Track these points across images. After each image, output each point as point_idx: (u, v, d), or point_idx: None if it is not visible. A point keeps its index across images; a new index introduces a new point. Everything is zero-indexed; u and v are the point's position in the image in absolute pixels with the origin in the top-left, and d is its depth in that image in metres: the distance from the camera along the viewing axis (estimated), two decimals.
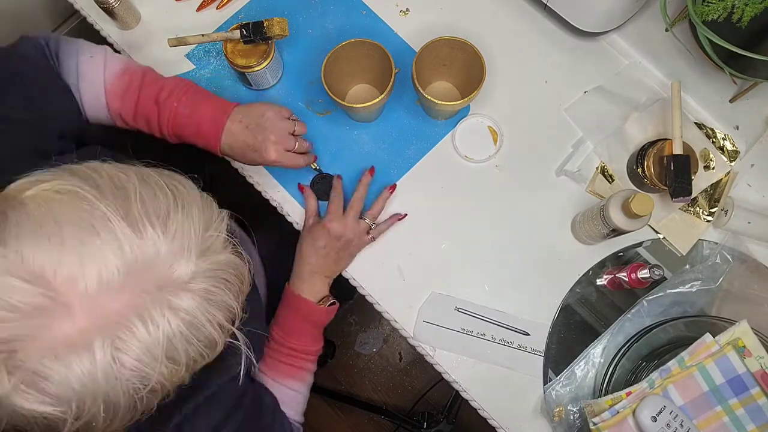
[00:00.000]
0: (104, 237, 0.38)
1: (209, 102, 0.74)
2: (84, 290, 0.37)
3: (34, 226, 0.38)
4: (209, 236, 0.44)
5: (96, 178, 0.41)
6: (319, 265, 0.79)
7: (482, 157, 0.87)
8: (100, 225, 0.38)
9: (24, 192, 0.40)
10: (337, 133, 0.87)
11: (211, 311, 0.42)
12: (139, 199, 0.41)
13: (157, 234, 0.40)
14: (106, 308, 0.38)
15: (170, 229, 0.41)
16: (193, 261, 0.41)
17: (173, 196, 0.43)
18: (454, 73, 0.85)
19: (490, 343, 0.82)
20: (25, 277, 0.36)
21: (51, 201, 0.39)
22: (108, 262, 0.38)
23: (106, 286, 0.38)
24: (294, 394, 0.78)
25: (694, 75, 0.88)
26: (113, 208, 0.39)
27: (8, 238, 0.37)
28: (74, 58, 0.71)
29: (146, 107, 0.72)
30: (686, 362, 0.75)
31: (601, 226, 0.76)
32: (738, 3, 0.70)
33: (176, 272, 0.40)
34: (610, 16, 0.84)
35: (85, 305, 0.37)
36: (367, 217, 0.81)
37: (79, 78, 0.71)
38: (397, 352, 1.67)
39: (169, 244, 0.40)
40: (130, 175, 0.43)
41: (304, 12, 0.91)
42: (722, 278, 0.80)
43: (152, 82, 0.73)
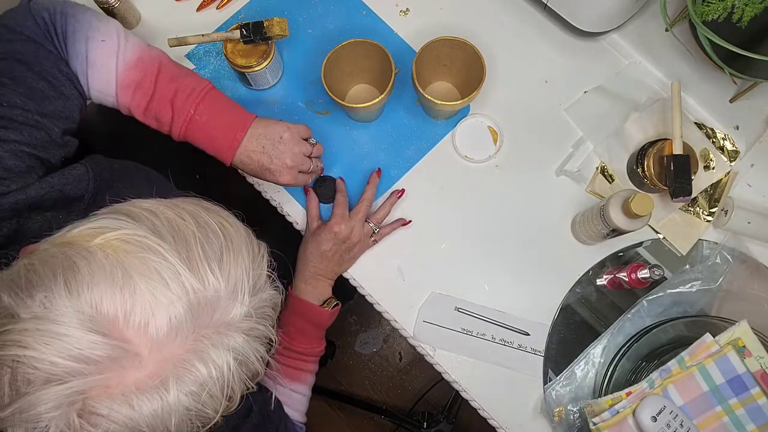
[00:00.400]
0: (172, 287, 0.40)
1: (227, 113, 0.72)
2: (154, 337, 0.39)
3: (106, 276, 0.39)
4: (257, 274, 0.46)
5: (157, 225, 0.42)
6: (323, 268, 0.79)
7: (482, 157, 0.87)
8: (168, 275, 0.40)
9: (91, 241, 0.41)
10: (337, 133, 0.87)
11: (257, 346, 0.44)
12: (199, 245, 0.42)
13: (217, 279, 0.42)
14: (171, 353, 0.39)
15: (225, 271, 0.43)
16: (246, 302, 0.43)
17: (224, 237, 0.44)
18: (454, 73, 0.85)
19: (490, 343, 0.82)
20: (101, 330, 0.38)
21: (119, 251, 0.40)
22: (176, 310, 0.39)
23: (174, 332, 0.39)
24: (297, 396, 0.78)
25: (694, 75, 0.88)
26: (178, 258, 0.41)
27: (82, 289, 0.38)
28: (83, 44, 0.66)
29: (160, 108, 0.69)
30: (686, 362, 0.75)
31: (601, 226, 0.76)
32: (738, 3, 0.70)
33: (231, 313, 0.42)
34: (610, 16, 0.84)
35: (153, 352, 0.39)
36: (372, 221, 0.81)
37: (89, 65, 0.66)
38: (397, 352, 1.67)
39: (225, 286, 0.42)
40: (186, 219, 0.44)
41: (304, 12, 0.91)
42: (722, 278, 0.80)
43: (168, 80, 0.69)
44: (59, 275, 0.39)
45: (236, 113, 0.73)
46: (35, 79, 0.61)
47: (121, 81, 0.67)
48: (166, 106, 0.69)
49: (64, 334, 0.37)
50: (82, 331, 0.37)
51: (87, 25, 0.66)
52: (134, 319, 0.38)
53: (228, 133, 0.71)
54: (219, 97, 0.73)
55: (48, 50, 0.63)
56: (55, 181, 0.56)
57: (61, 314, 0.37)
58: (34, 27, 0.63)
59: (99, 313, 0.38)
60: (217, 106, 0.72)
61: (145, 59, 0.69)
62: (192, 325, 0.40)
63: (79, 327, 0.37)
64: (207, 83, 0.72)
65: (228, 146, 0.72)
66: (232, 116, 0.72)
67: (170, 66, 0.71)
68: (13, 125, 0.57)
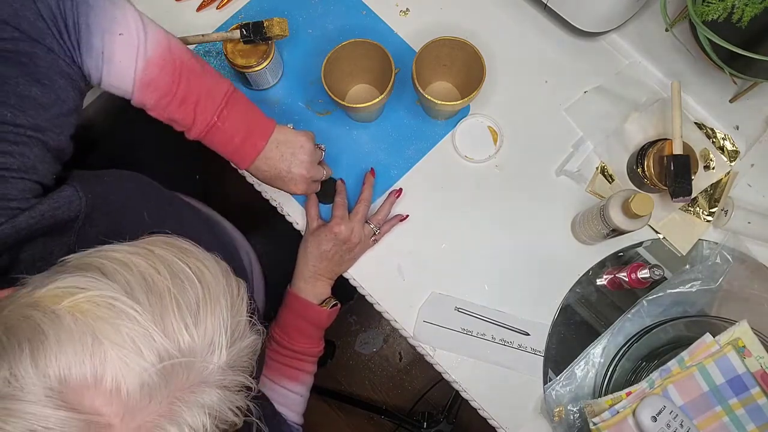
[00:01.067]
0: (146, 354, 0.38)
1: (248, 119, 0.70)
2: (126, 405, 0.37)
3: (74, 343, 0.37)
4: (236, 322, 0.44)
5: (130, 281, 0.40)
6: (323, 268, 0.79)
7: (482, 157, 0.87)
8: (142, 342, 0.38)
9: (59, 303, 0.39)
10: (337, 133, 0.87)
11: (232, 398, 0.42)
12: (173, 302, 0.40)
13: (192, 337, 0.40)
14: (145, 420, 0.38)
15: (201, 325, 0.41)
16: (224, 356, 0.41)
17: (200, 286, 0.42)
18: (454, 73, 0.85)
19: (490, 343, 0.82)
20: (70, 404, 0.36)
21: (88, 314, 0.38)
22: (150, 377, 0.38)
23: (147, 399, 0.38)
24: (294, 396, 0.78)
25: (694, 75, 0.88)
26: (152, 321, 0.39)
27: (50, 360, 0.37)
28: (99, 38, 0.59)
29: (181, 111, 0.66)
30: (686, 362, 0.75)
31: (601, 226, 0.76)
32: (738, 3, 0.70)
33: (207, 370, 0.41)
34: (610, 16, 0.84)
35: (126, 420, 0.37)
36: (372, 222, 0.81)
37: (105, 61, 0.60)
38: (397, 352, 1.67)
39: (201, 343, 0.40)
40: (161, 270, 0.42)
41: (304, 12, 0.91)
42: (722, 278, 0.80)
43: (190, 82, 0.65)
44: (25, 345, 0.37)
45: (257, 120, 0.71)
46: (28, 84, 0.54)
47: (140, 80, 0.63)
48: (188, 109, 0.66)
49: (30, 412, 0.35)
50: (51, 408, 0.36)
51: (103, 14, 0.59)
52: (104, 388, 0.37)
53: (250, 140, 0.70)
54: (240, 101, 0.70)
55: (46, 48, 0.56)
56: (45, 207, 0.52)
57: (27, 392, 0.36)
58: (35, 19, 0.55)
59: (67, 386, 0.36)
60: (239, 112, 0.69)
61: (167, 57, 0.64)
62: (166, 389, 0.38)
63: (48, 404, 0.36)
64: (228, 85, 0.69)
65: (248, 153, 0.70)
66: (254, 123, 0.70)
67: (191, 64, 0.66)
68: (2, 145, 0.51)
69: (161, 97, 0.65)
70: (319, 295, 0.80)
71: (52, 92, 0.56)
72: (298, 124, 0.87)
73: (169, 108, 0.66)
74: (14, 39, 0.54)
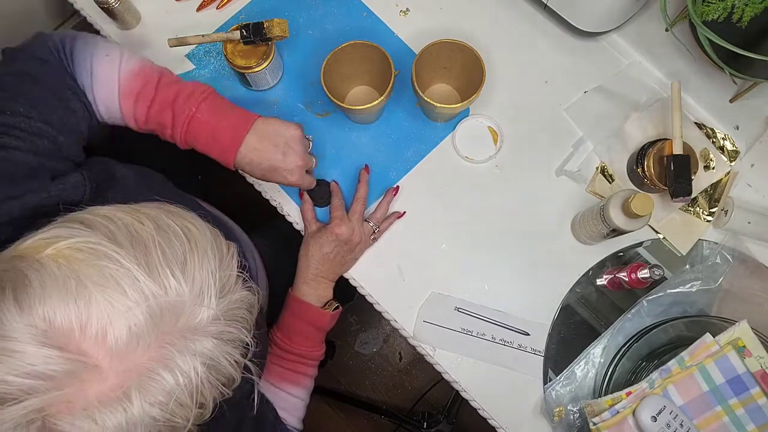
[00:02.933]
0: (130, 293, 0.38)
1: (230, 111, 0.71)
2: (113, 348, 0.37)
3: (59, 287, 0.37)
4: (224, 275, 0.44)
5: (113, 230, 0.41)
6: (324, 270, 0.79)
7: (482, 157, 0.87)
8: (125, 281, 0.38)
9: (41, 251, 0.39)
10: (336, 134, 0.87)
11: (229, 350, 0.43)
12: (158, 250, 0.41)
13: (179, 283, 0.40)
14: (134, 363, 0.38)
15: (189, 275, 0.41)
16: (213, 305, 0.42)
17: (187, 240, 0.43)
18: (454, 75, 0.85)
19: (490, 343, 0.82)
20: (56, 344, 0.36)
21: (71, 260, 0.39)
22: (135, 318, 0.38)
23: (135, 341, 0.38)
24: (295, 401, 0.77)
25: (694, 75, 0.88)
26: (135, 263, 0.39)
27: (34, 303, 0.37)
28: (89, 59, 0.67)
29: (161, 110, 0.68)
30: (686, 362, 0.75)
31: (601, 226, 0.76)
32: (738, 3, 0.70)
33: (197, 318, 0.41)
34: (610, 16, 0.84)
35: (114, 363, 0.37)
36: (371, 221, 0.81)
37: (93, 78, 0.67)
38: (397, 352, 1.67)
39: (189, 290, 0.41)
40: (145, 223, 0.42)
41: (304, 13, 0.91)
42: (722, 278, 0.80)
43: (169, 84, 0.69)
44: (8, 291, 0.37)
45: (239, 112, 0.71)
46: (41, 91, 0.61)
47: (123, 90, 0.68)
48: (167, 109, 0.68)
49: (15, 350, 0.36)
50: (36, 346, 0.36)
51: (92, 44, 0.68)
52: (91, 330, 0.37)
53: (231, 130, 0.69)
54: (221, 99, 0.72)
55: (55, 68, 0.64)
56: (52, 188, 0.55)
57: (11, 330, 0.36)
58: (44, 49, 0.64)
59: (53, 327, 0.36)
60: (220, 106, 0.70)
61: (146, 69, 0.69)
62: (154, 332, 0.38)
63: (32, 342, 0.36)
64: (208, 87, 0.71)
65: (231, 145, 0.69)
66: (235, 114, 0.71)
67: (170, 74, 0.71)
68: (14, 132, 0.56)
69: (142, 103, 0.68)
70: (322, 297, 0.80)
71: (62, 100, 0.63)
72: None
73: (150, 113, 0.68)
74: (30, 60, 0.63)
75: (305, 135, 0.77)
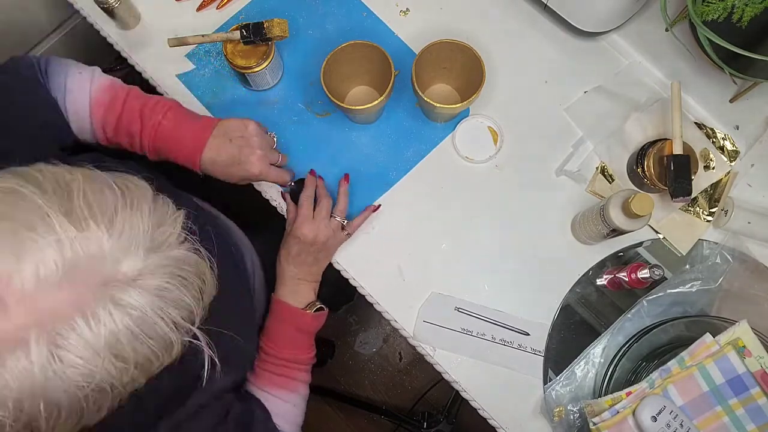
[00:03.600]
0: (41, 233, 0.37)
1: (193, 119, 0.75)
2: (20, 287, 0.36)
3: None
4: (161, 232, 0.42)
5: (38, 177, 0.40)
6: (298, 271, 0.79)
7: (482, 157, 0.87)
8: (38, 221, 0.37)
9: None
10: (336, 134, 0.87)
11: (165, 309, 0.41)
12: (82, 196, 0.39)
13: (101, 230, 0.39)
14: (44, 305, 0.36)
15: (117, 225, 0.40)
16: (140, 257, 0.40)
17: (121, 194, 0.41)
18: (454, 75, 0.85)
19: (490, 343, 0.82)
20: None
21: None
22: (46, 258, 0.36)
23: (45, 282, 0.36)
24: (287, 406, 0.76)
25: (694, 75, 0.88)
26: (53, 204, 0.38)
27: None
28: (63, 75, 0.72)
29: (129, 120, 0.72)
30: (686, 362, 0.75)
31: (601, 226, 0.76)
32: (738, 3, 0.70)
33: (123, 268, 0.39)
34: (610, 16, 0.84)
35: (21, 302, 0.36)
36: (337, 215, 0.80)
37: (66, 92, 0.71)
38: (397, 352, 1.67)
39: (115, 240, 0.39)
40: (75, 173, 0.41)
41: (304, 13, 0.91)
42: (722, 278, 0.80)
43: (137, 97, 0.74)
44: None
45: (203, 118, 0.76)
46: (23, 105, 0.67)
47: (94, 101, 0.72)
48: (135, 117, 0.72)
49: None
50: None
51: (65, 64, 0.74)
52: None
53: (195, 134, 0.74)
54: (186, 110, 0.76)
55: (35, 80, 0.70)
56: None
57: None
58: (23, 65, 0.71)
59: None
60: (184, 115, 0.75)
61: (116, 85, 0.75)
62: (68, 276, 0.37)
63: None
64: (173, 99, 0.76)
65: (196, 148, 0.73)
66: (199, 121, 0.75)
67: (139, 92, 0.75)
68: None
69: (112, 114, 0.72)
70: (303, 299, 0.79)
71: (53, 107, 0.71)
72: (297, 125, 0.87)
73: (120, 121, 0.72)
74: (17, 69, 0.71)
75: (268, 131, 0.80)
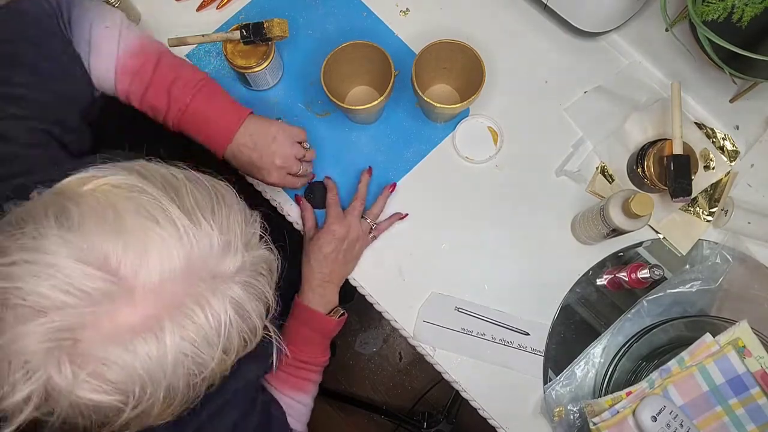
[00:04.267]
0: (165, 226, 0.39)
1: (223, 105, 0.72)
2: (147, 277, 0.38)
3: (97, 217, 0.38)
4: (249, 231, 0.46)
5: (147, 175, 0.42)
6: (329, 273, 0.78)
7: (482, 157, 0.87)
8: (161, 216, 0.40)
9: (81, 187, 0.40)
10: (336, 134, 0.87)
11: (254, 302, 0.44)
12: (190, 195, 0.42)
13: (210, 226, 0.42)
14: (168, 294, 0.39)
15: (218, 221, 0.43)
16: (240, 254, 0.43)
17: (215, 194, 0.45)
18: (454, 76, 0.85)
19: (490, 343, 0.82)
20: (94, 263, 0.37)
21: (109, 194, 0.40)
22: (170, 250, 0.39)
23: (168, 273, 0.39)
24: (299, 407, 0.77)
25: (694, 75, 0.88)
26: (170, 201, 0.41)
27: (74, 228, 0.38)
28: (87, 28, 0.66)
29: (156, 95, 0.69)
30: (686, 362, 0.75)
31: (601, 226, 0.76)
32: (738, 3, 0.70)
33: (226, 263, 0.42)
34: (610, 16, 0.84)
35: (148, 292, 0.38)
36: (368, 217, 0.81)
37: (91, 50, 0.66)
38: (397, 352, 1.67)
39: (219, 236, 0.42)
40: (177, 174, 0.44)
41: (304, 13, 0.91)
42: (722, 278, 0.80)
43: (167, 69, 0.70)
44: (50, 214, 0.38)
45: (232, 106, 0.74)
46: (44, 60, 0.60)
47: (120, 67, 0.68)
48: (162, 93, 0.69)
49: (54, 264, 0.36)
50: (74, 262, 0.36)
51: (91, 11, 0.67)
52: (127, 259, 0.38)
53: (222, 125, 0.72)
54: (216, 89, 0.73)
55: (55, 33, 0.63)
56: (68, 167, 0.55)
57: (51, 243, 0.36)
58: (43, 10, 0.63)
59: (91, 250, 0.37)
60: (214, 98, 0.72)
61: (146, 47, 0.70)
62: (188, 268, 0.39)
63: (70, 258, 0.36)
64: (204, 75, 0.73)
65: (222, 138, 0.72)
66: (228, 109, 0.73)
67: (169, 56, 0.72)
68: (20, 103, 0.56)
69: (139, 83, 0.69)
70: (329, 303, 0.79)
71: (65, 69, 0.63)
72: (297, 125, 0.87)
73: (147, 94, 0.69)
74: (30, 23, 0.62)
75: (304, 144, 0.78)
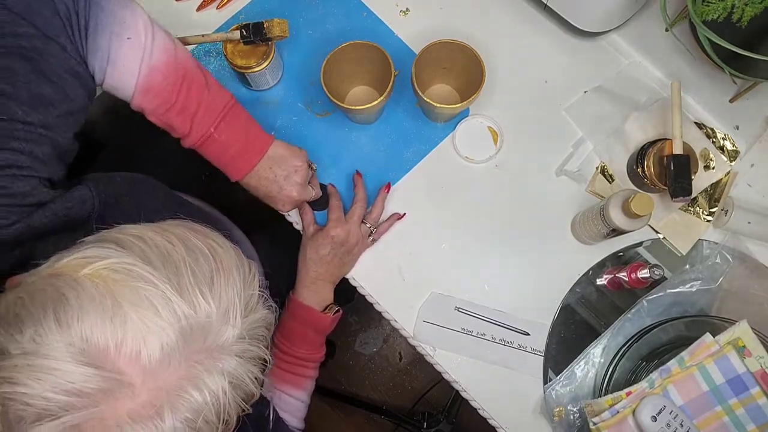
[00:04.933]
0: (163, 314, 0.39)
1: (246, 134, 0.71)
2: (146, 366, 0.38)
3: (96, 306, 0.39)
4: (248, 295, 0.45)
5: (146, 251, 0.42)
6: (323, 272, 0.79)
7: (482, 157, 0.87)
8: (159, 302, 0.40)
9: (79, 271, 0.40)
10: (336, 134, 0.87)
11: (250, 368, 0.44)
12: (189, 270, 0.42)
13: (208, 303, 0.41)
14: (165, 381, 0.39)
15: (216, 294, 0.42)
16: (239, 325, 0.43)
17: (213, 260, 0.44)
18: (454, 76, 0.85)
19: (490, 343, 0.82)
20: (93, 362, 0.37)
21: (108, 280, 0.40)
22: (168, 337, 0.39)
23: (167, 360, 0.39)
24: (295, 402, 0.77)
25: (694, 75, 0.88)
26: (168, 284, 0.40)
27: (72, 321, 0.38)
28: (106, 40, 0.59)
29: (178, 119, 0.66)
30: (686, 362, 0.75)
31: (601, 226, 0.76)
32: (738, 3, 0.70)
33: (224, 337, 0.42)
34: (610, 16, 0.84)
35: (147, 381, 0.38)
36: (368, 221, 0.81)
37: (110, 63, 0.61)
38: (397, 352, 1.67)
39: (217, 310, 0.42)
40: (175, 243, 0.43)
41: (304, 13, 0.91)
42: (722, 278, 0.80)
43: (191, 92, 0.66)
44: (49, 309, 0.38)
45: (254, 135, 0.73)
46: (39, 81, 0.54)
47: (141, 85, 0.63)
48: (185, 118, 0.67)
49: (55, 368, 0.37)
50: (74, 365, 0.37)
51: (113, 17, 0.60)
52: (126, 349, 0.38)
53: (244, 155, 0.72)
54: (239, 115, 0.71)
55: (59, 46, 0.55)
56: (58, 206, 0.53)
57: (51, 348, 0.37)
58: (51, 16, 0.55)
59: (90, 345, 0.38)
60: (237, 126, 0.70)
61: (171, 65, 0.64)
62: (184, 351, 0.40)
63: (71, 360, 0.37)
64: (229, 98, 0.70)
65: (241, 168, 0.72)
66: (251, 138, 0.72)
67: (195, 74, 0.67)
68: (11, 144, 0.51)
69: (160, 104, 0.65)
70: (322, 301, 0.79)
71: (62, 90, 0.56)
72: (297, 125, 0.87)
73: (167, 115, 0.67)
74: (29, 36, 0.54)
75: (310, 162, 0.79)
